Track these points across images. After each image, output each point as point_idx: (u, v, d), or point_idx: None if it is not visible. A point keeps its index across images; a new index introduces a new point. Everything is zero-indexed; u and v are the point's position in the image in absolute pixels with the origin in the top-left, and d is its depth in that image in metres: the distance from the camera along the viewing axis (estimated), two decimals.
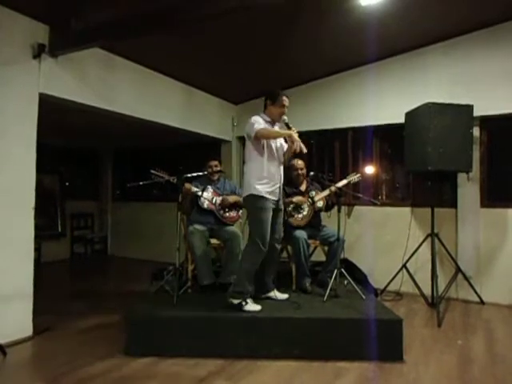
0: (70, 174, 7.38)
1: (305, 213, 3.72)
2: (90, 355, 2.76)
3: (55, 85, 3.29)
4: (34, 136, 3.16)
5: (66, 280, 5.85)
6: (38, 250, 5.86)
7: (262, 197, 2.98)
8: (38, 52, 3.11)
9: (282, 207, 3.25)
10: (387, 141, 5.04)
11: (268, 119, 3.08)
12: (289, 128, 2.97)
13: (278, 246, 3.26)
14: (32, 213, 3.14)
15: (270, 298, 3.21)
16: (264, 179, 3.01)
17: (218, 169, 3.80)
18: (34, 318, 3.12)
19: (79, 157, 7.66)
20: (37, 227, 3.19)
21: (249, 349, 2.77)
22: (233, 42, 3.94)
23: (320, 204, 3.77)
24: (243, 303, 2.94)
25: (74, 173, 7.53)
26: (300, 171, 3.84)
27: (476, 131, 4.22)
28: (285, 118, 3.04)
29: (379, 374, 2.54)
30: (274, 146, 3.08)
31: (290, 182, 3.86)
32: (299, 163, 3.86)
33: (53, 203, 6.88)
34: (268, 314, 2.89)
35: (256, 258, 3.02)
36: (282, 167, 3.18)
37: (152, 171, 3.37)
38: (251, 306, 2.95)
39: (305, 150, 2.88)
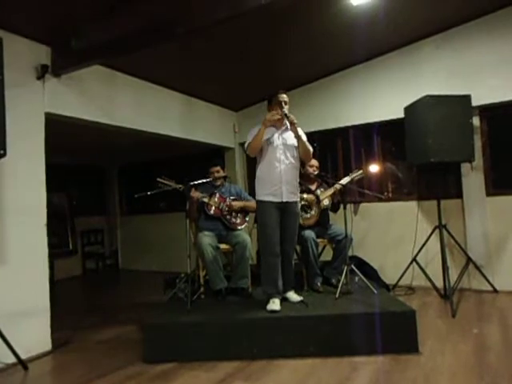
0: (77, 191, 7.47)
1: (313, 212, 3.76)
2: (109, 365, 2.80)
3: (59, 103, 3.38)
4: (42, 155, 3.24)
5: (80, 296, 5.92)
6: (51, 268, 5.92)
7: (262, 200, 3.09)
8: (42, 73, 3.19)
9: (296, 211, 3.21)
10: (389, 137, 5.06)
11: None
12: (287, 117, 3.01)
13: (291, 251, 3.25)
14: (45, 230, 3.21)
15: (285, 300, 3.20)
16: (261, 181, 3.11)
17: (220, 174, 3.82)
18: (52, 333, 3.18)
19: (85, 174, 7.76)
20: (49, 245, 3.25)
21: (264, 349, 2.79)
22: (228, 50, 4.02)
23: (326, 202, 3.81)
24: (267, 302, 3.00)
25: (81, 190, 7.63)
26: (311, 169, 3.87)
27: (476, 121, 4.24)
28: (284, 110, 3.02)
29: (396, 366, 2.55)
30: (270, 146, 3.08)
31: (304, 180, 3.91)
32: (312, 162, 3.88)
33: (62, 221, 6.96)
34: (281, 314, 2.92)
35: (266, 261, 3.09)
36: (292, 167, 3.11)
37: (158, 179, 3.41)
38: (269, 305, 2.98)
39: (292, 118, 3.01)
